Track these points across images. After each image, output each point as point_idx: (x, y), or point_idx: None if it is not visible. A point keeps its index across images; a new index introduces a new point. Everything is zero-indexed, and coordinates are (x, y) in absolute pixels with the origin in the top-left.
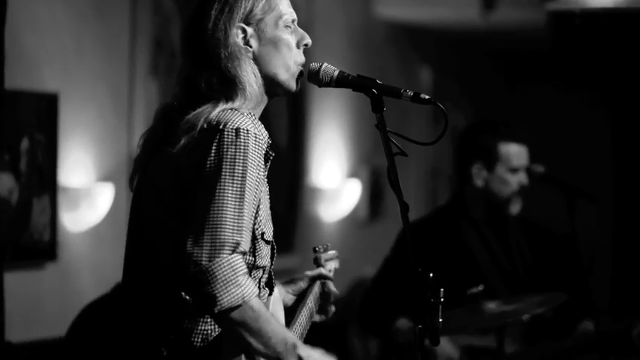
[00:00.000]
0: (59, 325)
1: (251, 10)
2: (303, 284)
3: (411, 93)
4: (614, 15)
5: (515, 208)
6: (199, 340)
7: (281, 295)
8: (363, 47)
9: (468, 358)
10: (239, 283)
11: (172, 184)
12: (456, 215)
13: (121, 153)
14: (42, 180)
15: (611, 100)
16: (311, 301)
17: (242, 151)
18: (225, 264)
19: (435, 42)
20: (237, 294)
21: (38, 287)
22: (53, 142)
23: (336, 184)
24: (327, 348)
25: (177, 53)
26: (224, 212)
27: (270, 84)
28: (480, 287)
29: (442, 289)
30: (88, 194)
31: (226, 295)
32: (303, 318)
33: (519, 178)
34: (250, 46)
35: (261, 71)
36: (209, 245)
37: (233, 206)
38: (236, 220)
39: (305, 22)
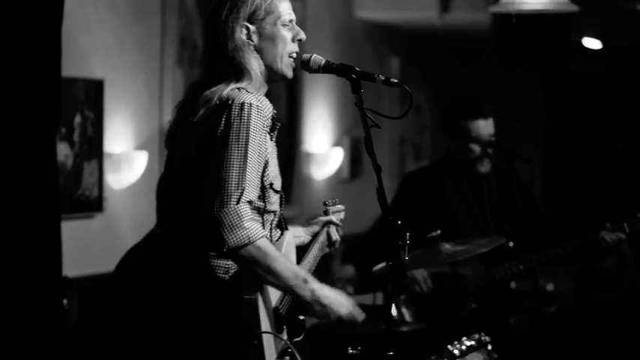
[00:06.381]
0: (105, 262)
1: (254, 12)
2: (317, 227)
3: (382, 77)
4: (542, 15)
5: (483, 167)
6: (222, 272)
7: (295, 239)
8: (345, 42)
9: (435, 281)
10: (244, 227)
11: (193, 148)
12: (442, 171)
13: (153, 128)
14: (91, 148)
15: (544, 80)
16: (319, 243)
17: (245, 121)
18: (231, 212)
19: (402, 38)
20: (243, 235)
21: (88, 233)
22: (100, 118)
23: (324, 150)
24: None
25: (199, 48)
26: (230, 171)
27: (269, 71)
28: (438, 232)
29: (408, 234)
30: (128, 159)
31: (232, 236)
32: (311, 256)
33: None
34: (252, 41)
35: (262, 60)
36: (219, 197)
37: (237, 166)
38: (240, 177)
39: (299, 22)
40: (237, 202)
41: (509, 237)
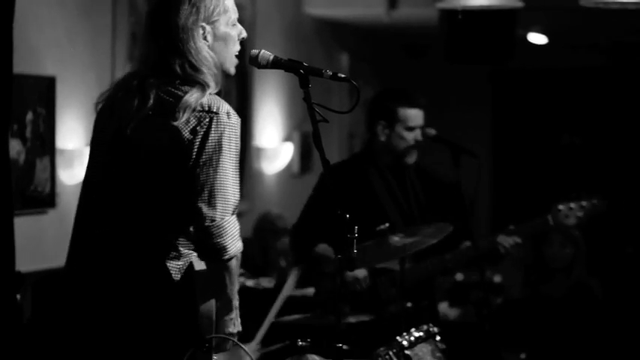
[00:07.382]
0: (58, 257)
1: (212, 12)
2: None
3: (330, 72)
4: (488, 11)
5: (411, 158)
6: (176, 273)
7: None
8: (294, 38)
9: (371, 277)
10: (239, 239)
11: (172, 150)
12: (365, 162)
13: None
14: (43, 144)
15: (491, 75)
16: None
17: (234, 130)
18: (232, 222)
19: (351, 34)
20: (239, 247)
21: (41, 228)
22: (52, 115)
23: (274, 145)
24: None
25: None
26: (228, 180)
27: (220, 71)
28: (387, 225)
29: (356, 227)
30: (80, 155)
31: (233, 246)
32: None
33: (414, 136)
34: (207, 41)
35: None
36: (220, 206)
37: (233, 175)
38: (236, 186)
39: (249, 19)
40: (233, 213)
41: None
